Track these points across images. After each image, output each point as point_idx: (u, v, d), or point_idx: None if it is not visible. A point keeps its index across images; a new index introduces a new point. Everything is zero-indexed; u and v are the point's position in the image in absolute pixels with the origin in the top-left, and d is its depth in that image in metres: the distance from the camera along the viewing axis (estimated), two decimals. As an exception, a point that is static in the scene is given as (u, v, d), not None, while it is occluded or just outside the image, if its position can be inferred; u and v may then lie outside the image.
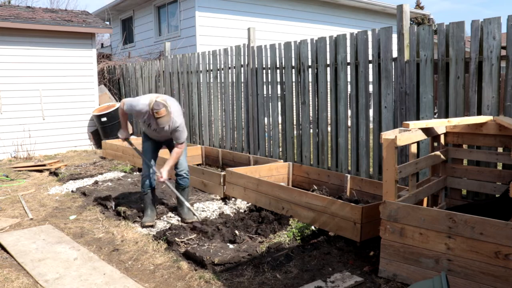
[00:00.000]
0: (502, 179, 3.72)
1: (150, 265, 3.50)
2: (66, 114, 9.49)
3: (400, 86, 4.78)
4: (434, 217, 2.89)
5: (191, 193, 5.49)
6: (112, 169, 7.19)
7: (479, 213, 2.93)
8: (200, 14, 11.33)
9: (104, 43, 19.37)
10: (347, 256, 3.53)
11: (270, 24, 12.27)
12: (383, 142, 3.13)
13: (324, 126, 5.76)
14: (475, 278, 2.74)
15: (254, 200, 4.83)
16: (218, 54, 7.65)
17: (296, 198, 4.24)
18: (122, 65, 11.15)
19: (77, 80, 9.56)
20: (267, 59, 6.57)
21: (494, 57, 3.97)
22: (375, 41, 5.00)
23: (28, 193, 5.92)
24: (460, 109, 4.27)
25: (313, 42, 5.76)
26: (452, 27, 4.26)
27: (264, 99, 6.75)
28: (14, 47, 8.76)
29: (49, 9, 10.81)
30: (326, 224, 3.93)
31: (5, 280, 3.27)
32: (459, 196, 4.05)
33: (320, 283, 3.06)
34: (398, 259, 3.08)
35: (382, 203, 3.15)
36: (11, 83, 8.79)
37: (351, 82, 5.35)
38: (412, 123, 3.24)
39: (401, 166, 3.17)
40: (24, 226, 4.55)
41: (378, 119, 5.08)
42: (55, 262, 3.55)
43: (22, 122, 8.93)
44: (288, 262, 3.40)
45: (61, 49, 9.31)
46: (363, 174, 5.24)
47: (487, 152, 3.82)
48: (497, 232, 2.63)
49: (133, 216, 4.60)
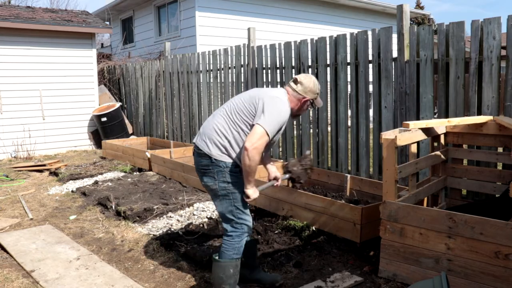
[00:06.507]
0: (502, 179, 3.72)
1: (150, 265, 3.50)
2: (66, 114, 9.49)
3: (400, 86, 4.78)
4: (434, 217, 2.89)
5: (191, 193, 5.49)
6: (112, 169, 7.19)
7: (479, 213, 2.93)
8: (200, 14, 11.33)
9: (104, 43, 19.37)
10: (347, 256, 3.52)
11: (270, 24, 12.27)
12: (383, 142, 3.13)
13: (324, 126, 5.76)
14: (475, 278, 2.74)
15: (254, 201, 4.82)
16: (218, 54, 7.65)
17: (296, 199, 4.24)
18: (122, 65, 11.14)
19: (77, 80, 9.56)
20: (267, 59, 6.57)
21: (494, 57, 3.96)
22: (375, 41, 5.00)
23: (28, 193, 5.92)
24: (460, 109, 4.27)
25: (313, 42, 5.76)
26: (452, 27, 4.25)
27: (264, 99, 6.73)
28: (14, 47, 8.76)
29: (49, 9, 10.81)
30: (326, 224, 3.93)
31: (5, 280, 3.27)
32: (459, 196, 4.05)
33: (320, 283, 3.06)
34: (398, 259, 3.08)
35: (382, 203, 3.15)
36: (11, 83, 8.79)
37: (351, 82, 5.34)
38: (412, 123, 3.24)
39: (401, 166, 3.17)
40: (24, 226, 4.55)
41: (378, 119, 5.08)
42: (55, 262, 3.55)
43: (22, 122, 8.94)
44: (288, 262, 3.40)
45: (61, 49, 9.31)
46: (363, 174, 5.24)
47: (487, 152, 3.82)
48: (497, 232, 2.63)
49: (133, 216, 4.60)
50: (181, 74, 8.74)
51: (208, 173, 2.79)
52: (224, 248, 2.79)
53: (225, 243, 2.81)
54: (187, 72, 8.53)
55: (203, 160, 2.79)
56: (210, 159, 2.75)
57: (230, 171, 2.75)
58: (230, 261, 2.76)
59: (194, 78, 8.34)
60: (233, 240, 2.79)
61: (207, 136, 2.79)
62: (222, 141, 2.73)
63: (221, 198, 2.79)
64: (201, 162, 2.80)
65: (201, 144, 2.80)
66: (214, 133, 2.76)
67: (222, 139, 2.74)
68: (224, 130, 2.75)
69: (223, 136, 2.74)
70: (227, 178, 2.75)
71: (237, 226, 2.81)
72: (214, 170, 2.75)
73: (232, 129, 2.74)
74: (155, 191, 5.68)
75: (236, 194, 2.77)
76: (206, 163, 2.77)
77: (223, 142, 2.73)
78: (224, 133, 2.74)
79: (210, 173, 2.78)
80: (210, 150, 2.74)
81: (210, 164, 2.76)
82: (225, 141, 2.73)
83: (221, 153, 2.73)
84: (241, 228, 2.81)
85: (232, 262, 2.77)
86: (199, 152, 2.81)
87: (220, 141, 2.74)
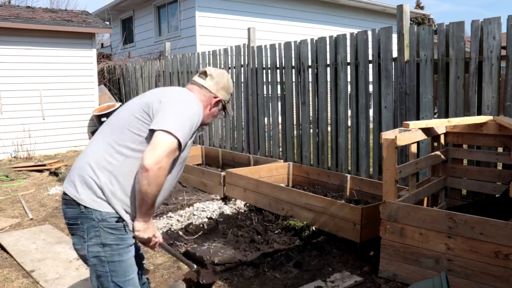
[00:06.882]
0: (502, 179, 3.72)
1: (150, 265, 3.50)
2: (66, 114, 9.49)
3: (400, 86, 4.78)
4: (434, 217, 2.89)
5: (191, 193, 5.49)
6: (112, 169, 7.19)
7: (479, 213, 2.93)
8: (200, 14, 11.33)
9: (104, 43, 19.37)
10: (347, 256, 3.52)
11: (270, 24, 12.27)
12: (383, 142, 3.13)
13: (324, 126, 5.76)
14: (475, 278, 2.74)
15: (254, 201, 4.82)
16: (218, 54, 7.65)
17: (296, 199, 4.24)
18: (122, 65, 11.14)
19: (77, 80, 9.56)
20: (267, 59, 6.57)
21: (494, 57, 3.96)
22: (375, 41, 5.00)
23: (28, 193, 5.92)
24: (460, 109, 4.27)
25: (313, 42, 5.76)
26: (452, 27, 4.25)
27: (264, 99, 6.75)
28: (14, 47, 8.76)
29: (49, 9, 10.81)
30: (326, 224, 3.93)
31: (5, 280, 3.27)
32: (459, 196, 4.05)
33: (320, 283, 3.06)
34: (398, 259, 3.08)
35: (382, 203, 3.15)
36: (11, 83, 8.79)
37: (351, 82, 5.34)
38: (412, 123, 3.24)
39: (401, 166, 3.17)
40: (24, 226, 4.55)
41: (378, 119, 5.08)
42: (55, 262, 3.55)
43: (22, 122, 8.93)
44: (288, 262, 3.40)
45: (61, 49, 9.31)
46: (363, 174, 5.24)
47: (487, 152, 3.82)
48: (497, 232, 2.63)
49: (133, 216, 4.59)
50: (181, 74, 8.74)
51: (76, 230, 1.87)
52: None
53: None
54: (187, 72, 8.53)
55: (68, 210, 1.87)
56: (79, 207, 1.82)
57: (109, 227, 1.82)
58: None
59: (194, 78, 8.33)
60: None
61: (77, 174, 1.86)
62: (99, 178, 1.81)
63: (93, 268, 1.86)
64: (67, 214, 1.88)
65: (67, 187, 1.88)
66: (87, 169, 1.83)
67: (100, 174, 1.81)
68: (103, 160, 1.82)
69: (102, 170, 1.81)
70: (103, 238, 1.82)
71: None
72: (83, 226, 1.83)
73: (117, 155, 1.82)
74: (155, 191, 5.68)
75: (115, 264, 1.85)
76: (73, 214, 1.85)
77: (102, 178, 1.80)
78: (104, 164, 1.82)
79: (78, 230, 1.85)
80: (79, 193, 1.82)
81: (79, 217, 1.83)
82: (104, 176, 1.81)
83: (96, 198, 1.81)
84: None
85: None
86: (65, 199, 1.88)
87: (95, 179, 1.81)
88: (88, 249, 1.83)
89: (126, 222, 1.85)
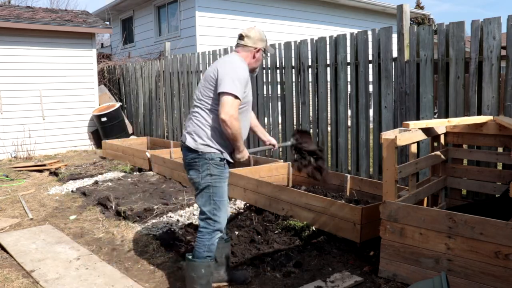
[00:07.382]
0: (502, 179, 3.72)
1: (150, 265, 3.50)
2: (66, 114, 9.49)
3: (400, 86, 4.78)
4: (434, 217, 2.89)
5: (191, 193, 5.49)
6: (112, 169, 7.19)
7: (479, 213, 2.93)
8: (200, 14, 11.33)
9: (104, 43, 19.37)
10: (347, 256, 3.52)
11: (270, 24, 12.27)
12: (383, 142, 3.13)
13: (324, 126, 5.76)
14: (475, 278, 2.74)
15: (254, 201, 4.82)
16: (218, 54, 7.65)
17: (296, 199, 4.24)
18: (122, 65, 11.14)
19: (77, 80, 9.56)
20: (267, 59, 6.56)
21: (494, 57, 3.96)
22: (375, 41, 5.00)
23: (28, 193, 5.92)
24: (460, 109, 4.27)
25: (313, 42, 5.76)
26: (452, 27, 4.25)
27: (264, 99, 6.75)
28: (14, 47, 8.77)
29: (49, 9, 10.81)
30: (326, 224, 3.93)
31: (5, 280, 3.27)
32: (459, 196, 4.05)
33: (320, 283, 3.06)
34: (398, 259, 3.08)
35: (382, 203, 3.15)
36: (11, 83, 8.79)
37: (351, 82, 5.34)
38: (412, 123, 3.24)
39: (401, 166, 3.17)
40: (24, 226, 4.55)
41: (378, 119, 5.08)
42: (55, 262, 3.55)
43: (22, 122, 8.93)
44: (288, 262, 3.40)
45: (61, 49, 9.31)
46: (363, 174, 5.24)
47: (487, 152, 3.82)
48: (497, 232, 2.63)
49: (133, 216, 4.60)
50: (181, 74, 8.74)
51: (194, 166, 2.80)
52: (196, 246, 2.79)
53: (197, 240, 2.80)
54: (187, 72, 8.53)
55: (189, 153, 2.81)
56: (197, 152, 2.76)
57: (215, 164, 2.77)
58: (202, 261, 2.75)
59: (194, 78, 8.34)
60: (204, 238, 2.78)
61: (189, 129, 2.83)
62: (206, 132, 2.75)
63: (202, 191, 2.79)
64: (187, 156, 2.82)
65: (188, 139, 2.81)
66: (192, 124, 2.81)
67: (201, 126, 2.76)
68: (200, 117, 2.78)
69: (200, 123, 2.77)
70: (211, 170, 2.76)
71: (209, 222, 2.78)
72: (199, 163, 2.76)
73: (206, 111, 2.76)
74: (155, 191, 5.69)
75: (216, 188, 2.79)
76: (192, 156, 2.79)
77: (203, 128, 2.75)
78: (200, 119, 2.77)
79: (195, 166, 2.79)
80: (196, 142, 2.76)
81: (196, 157, 2.77)
82: (203, 127, 2.75)
83: (205, 144, 2.75)
84: (212, 226, 2.78)
85: (204, 263, 2.75)
86: (186, 147, 2.82)
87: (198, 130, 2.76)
88: (202, 177, 2.76)
89: (225, 160, 2.81)
